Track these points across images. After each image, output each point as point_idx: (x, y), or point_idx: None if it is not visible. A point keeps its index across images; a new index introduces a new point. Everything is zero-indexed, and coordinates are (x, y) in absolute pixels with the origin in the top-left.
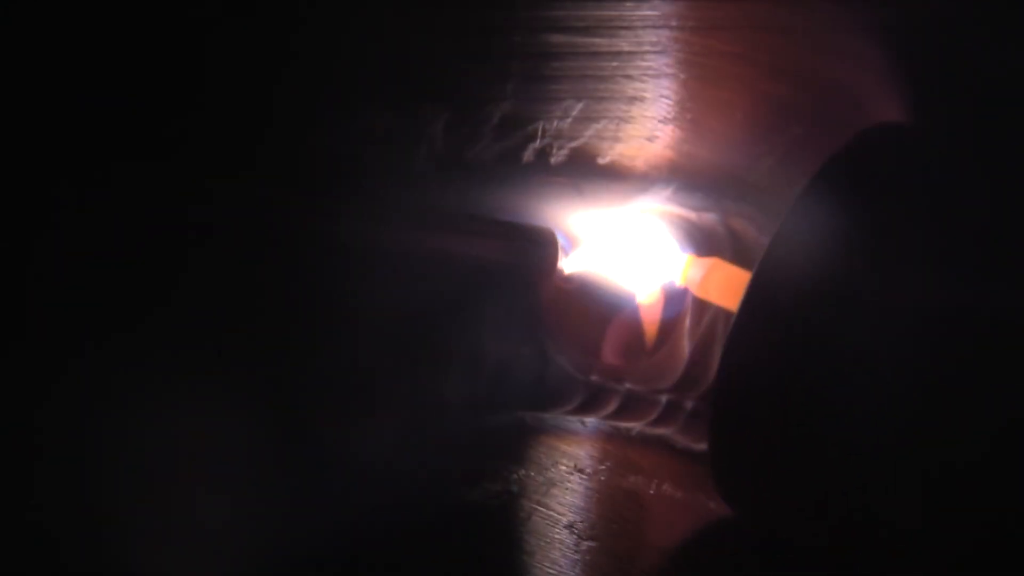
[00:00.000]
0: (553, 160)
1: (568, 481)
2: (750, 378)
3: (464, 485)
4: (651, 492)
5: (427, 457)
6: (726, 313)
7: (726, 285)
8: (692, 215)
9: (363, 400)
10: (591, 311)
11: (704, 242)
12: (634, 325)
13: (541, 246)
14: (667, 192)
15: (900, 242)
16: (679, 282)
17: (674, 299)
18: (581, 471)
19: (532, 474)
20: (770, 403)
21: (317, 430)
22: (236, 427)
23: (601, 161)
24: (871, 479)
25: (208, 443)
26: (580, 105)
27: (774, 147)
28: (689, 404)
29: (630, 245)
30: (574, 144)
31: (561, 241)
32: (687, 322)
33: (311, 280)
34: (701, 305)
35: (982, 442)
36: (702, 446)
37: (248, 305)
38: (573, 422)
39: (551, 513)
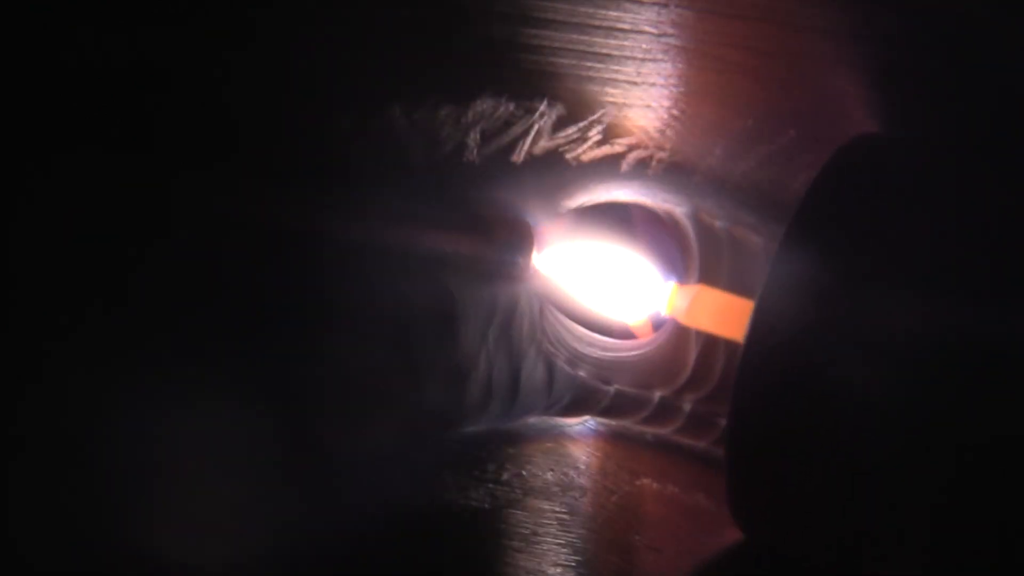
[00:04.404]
0: (650, 171)
1: (629, 490)
2: (762, 416)
3: (528, 481)
4: (712, 510)
5: (479, 455)
6: None
7: (713, 312)
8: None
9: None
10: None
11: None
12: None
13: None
14: (758, 213)
15: (890, 267)
16: (665, 312)
17: (661, 327)
18: (645, 480)
19: (598, 479)
20: (782, 440)
21: (329, 430)
22: (234, 426)
23: (695, 178)
24: (880, 503)
25: (204, 443)
26: (692, 116)
27: None
28: (721, 420)
29: (614, 276)
30: (676, 158)
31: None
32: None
33: (312, 278)
34: None
35: (987, 460)
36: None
37: (246, 301)
38: (619, 427)
39: (615, 518)
